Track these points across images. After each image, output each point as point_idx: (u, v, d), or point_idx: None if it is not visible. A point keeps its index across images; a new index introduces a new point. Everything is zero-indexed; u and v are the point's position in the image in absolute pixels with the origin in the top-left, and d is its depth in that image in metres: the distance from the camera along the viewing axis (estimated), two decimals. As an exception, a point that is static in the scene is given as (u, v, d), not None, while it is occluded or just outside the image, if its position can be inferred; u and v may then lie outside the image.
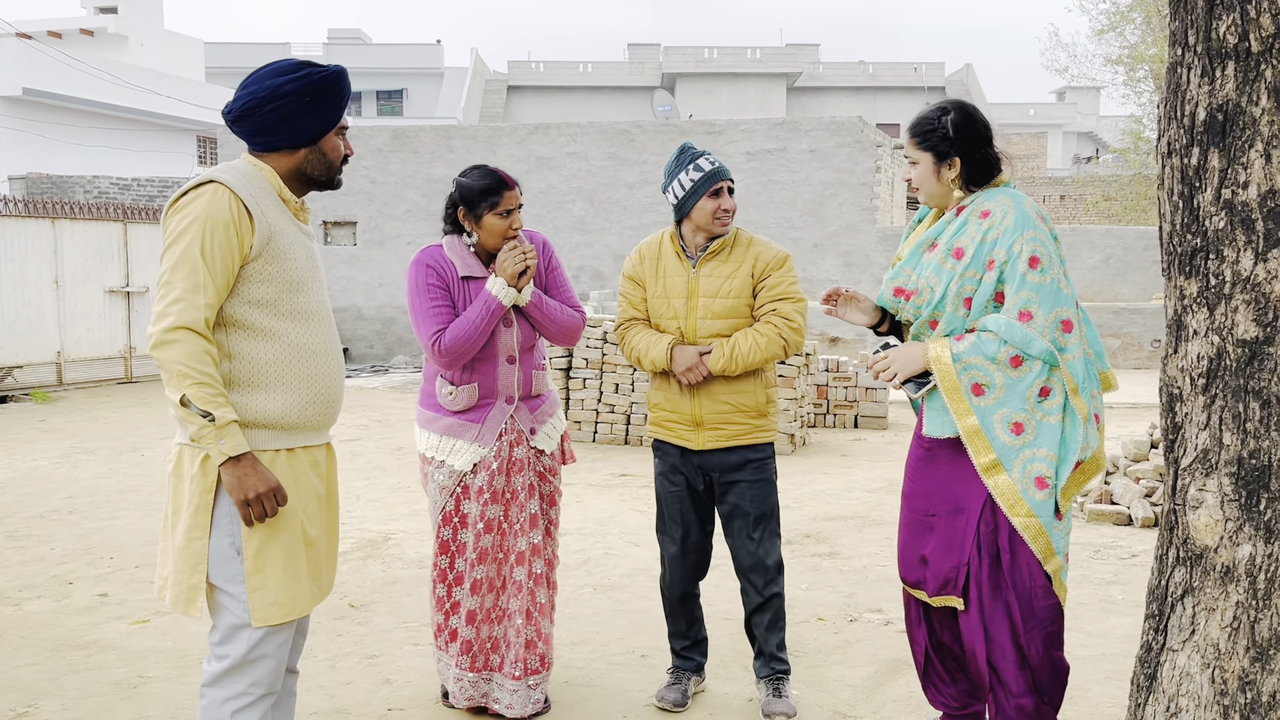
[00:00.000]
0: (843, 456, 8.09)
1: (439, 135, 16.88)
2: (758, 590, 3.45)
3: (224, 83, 33.40)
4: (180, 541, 2.38)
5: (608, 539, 5.71)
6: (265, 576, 2.38)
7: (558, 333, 3.40)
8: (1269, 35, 1.86)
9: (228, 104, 2.47)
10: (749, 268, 3.39)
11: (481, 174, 3.29)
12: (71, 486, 7.10)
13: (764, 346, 3.32)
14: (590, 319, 9.07)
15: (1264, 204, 1.89)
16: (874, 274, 15.69)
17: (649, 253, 3.52)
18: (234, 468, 2.31)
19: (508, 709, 3.32)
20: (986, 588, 2.67)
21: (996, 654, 2.68)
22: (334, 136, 2.52)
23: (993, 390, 2.62)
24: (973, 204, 2.72)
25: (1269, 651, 1.92)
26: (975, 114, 2.76)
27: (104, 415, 10.50)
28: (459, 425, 3.30)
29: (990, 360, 2.60)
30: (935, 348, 2.68)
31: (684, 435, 3.44)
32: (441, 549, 3.34)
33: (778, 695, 3.41)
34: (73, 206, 12.83)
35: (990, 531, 2.66)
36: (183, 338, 2.28)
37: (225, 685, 2.40)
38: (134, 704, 3.53)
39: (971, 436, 2.63)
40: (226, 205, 2.34)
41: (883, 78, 45.72)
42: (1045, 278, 2.59)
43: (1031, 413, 2.60)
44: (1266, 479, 1.92)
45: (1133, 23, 22.33)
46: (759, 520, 3.42)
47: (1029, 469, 2.61)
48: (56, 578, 5.00)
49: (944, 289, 2.69)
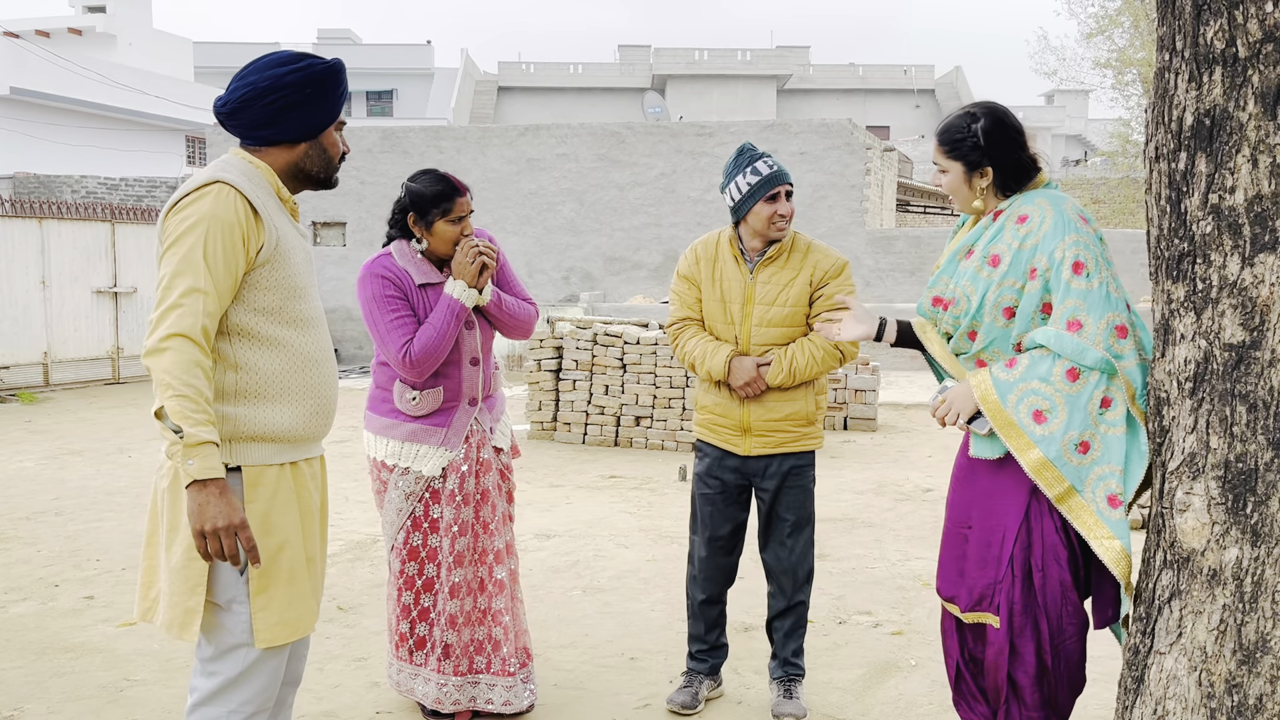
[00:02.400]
0: (832, 459, 8.10)
1: (429, 136, 16.85)
2: (785, 596, 3.47)
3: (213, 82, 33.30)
4: (178, 561, 2.23)
5: (597, 541, 5.70)
6: (269, 597, 2.25)
7: (516, 328, 3.38)
8: (1256, 41, 1.87)
9: (220, 98, 2.34)
10: (808, 275, 3.34)
11: (433, 180, 3.24)
12: (58, 488, 7.06)
13: (820, 360, 3.30)
14: (580, 320, 9.07)
15: (1250, 209, 1.90)
16: (863, 275, 15.72)
17: (705, 253, 3.45)
18: (198, 492, 2.09)
19: (505, 705, 3.31)
20: (1019, 605, 2.59)
21: (1019, 669, 2.62)
22: (333, 131, 2.41)
23: (1055, 414, 2.44)
24: (1010, 208, 2.60)
25: (1255, 654, 1.93)
26: (1006, 118, 2.63)
27: (91, 416, 10.45)
28: (423, 430, 3.25)
29: (1046, 381, 2.43)
30: (976, 381, 2.53)
31: (731, 440, 3.42)
32: (410, 556, 3.27)
33: (789, 696, 3.44)
34: (60, 206, 12.76)
35: (1024, 549, 2.58)
36: (175, 345, 2.12)
37: (216, 703, 2.28)
38: (121, 707, 3.51)
39: (1039, 471, 2.45)
40: (233, 207, 2.20)
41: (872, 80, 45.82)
42: (1092, 283, 2.44)
43: (1095, 427, 2.43)
44: (1253, 482, 1.93)
45: (1121, 26, 22.43)
46: (797, 527, 3.43)
47: (1099, 487, 2.44)
48: (42, 580, 4.97)
49: (980, 297, 2.56)
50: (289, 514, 2.31)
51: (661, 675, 3.79)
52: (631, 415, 8.63)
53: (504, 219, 16.48)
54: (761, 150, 3.36)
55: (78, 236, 12.75)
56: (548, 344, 8.92)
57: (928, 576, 5.01)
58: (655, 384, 8.55)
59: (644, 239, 16.08)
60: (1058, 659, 2.59)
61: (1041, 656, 2.59)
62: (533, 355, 8.96)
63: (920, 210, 23.10)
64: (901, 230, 16.37)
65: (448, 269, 3.28)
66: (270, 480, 2.29)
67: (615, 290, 16.31)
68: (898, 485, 7.16)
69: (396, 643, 3.33)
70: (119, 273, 13.23)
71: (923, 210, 23.18)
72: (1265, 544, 1.92)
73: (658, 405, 8.54)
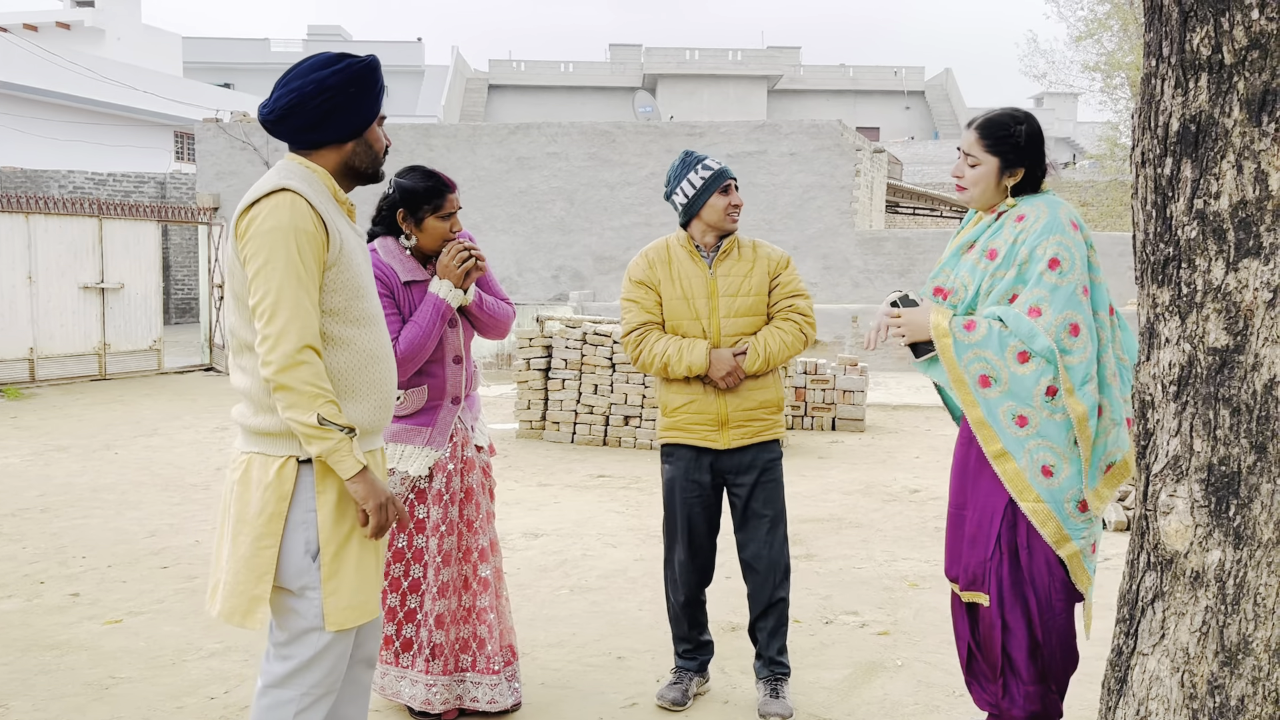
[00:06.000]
0: (820, 459, 8.12)
1: (419, 134, 16.81)
2: (766, 593, 3.50)
3: (202, 78, 33.16)
4: (246, 550, 2.32)
5: (585, 540, 5.70)
6: (340, 581, 2.35)
7: (495, 328, 3.40)
8: (1241, 48, 1.88)
9: (265, 104, 2.38)
10: (764, 267, 3.50)
11: (422, 176, 3.25)
12: (44, 484, 7.03)
13: (790, 343, 3.45)
14: (569, 320, 9.07)
15: (1235, 214, 1.91)
16: (852, 276, 15.76)
17: (658, 257, 3.53)
18: (361, 480, 2.31)
19: (491, 704, 3.31)
20: (1007, 582, 2.77)
21: (1012, 643, 2.78)
22: (376, 127, 2.47)
23: (999, 384, 2.70)
24: (1011, 208, 2.82)
25: (1237, 656, 1.94)
26: (1041, 128, 2.85)
27: (77, 412, 10.40)
28: (408, 430, 3.26)
29: (999, 355, 2.68)
30: (936, 316, 2.77)
31: (709, 436, 3.47)
32: (395, 558, 3.27)
33: (775, 696, 3.46)
34: (47, 201, 12.69)
35: (1010, 528, 2.75)
36: (309, 358, 2.25)
37: (289, 686, 2.37)
38: (106, 705, 3.50)
39: (979, 426, 2.73)
40: (307, 215, 2.28)
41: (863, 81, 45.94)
42: (1063, 280, 2.66)
43: (1038, 410, 2.68)
44: (1236, 485, 1.94)
45: (1110, 30, 22.53)
46: (774, 522, 3.49)
47: (1035, 458, 2.70)
48: (28, 577, 4.95)
49: (975, 287, 2.80)
50: (354, 503, 2.38)
51: (649, 674, 3.80)
52: (620, 415, 8.64)
53: (494, 217, 16.45)
54: (704, 153, 3.53)
55: (65, 232, 12.68)
56: (537, 343, 8.92)
57: (914, 577, 5.03)
58: (644, 383, 8.55)
59: (634, 238, 16.07)
60: (1049, 633, 2.77)
61: (1033, 632, 2.77)
62: (522, 354, 8.96)
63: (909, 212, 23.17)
64: (891, 231, 16.42)
65: (432, 265, 3.28)
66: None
67: (605, 289, 16.30)
68: (885, 486, 7.18)
69: (382, 645, 3.33)
70: (106, 268, 13.17)
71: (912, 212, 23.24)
72: (1248, 546, 1.93)
73: (647, 405, 8.55)
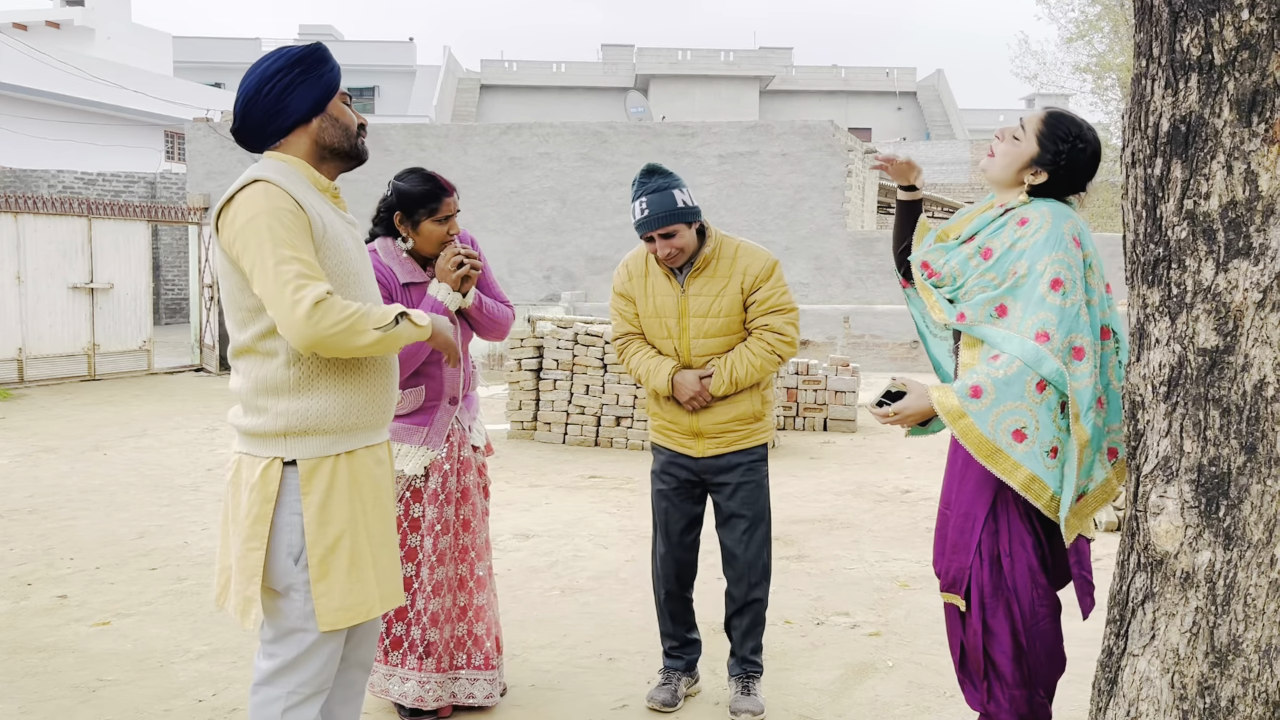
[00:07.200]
0: (812, 459, 8.12)
1: (411, 134, 16.79)
2: (742, 592, 3.49)
3: (192, 77, 33.05)
4: (238, 551, 2.34)
5: (576, 541, 5.69)
6: (331, 583, 2.34)
7: (494, 330, 3.41)
8: (1231, 48, 1.88)
9: (231, 125, 2.43)
10: (738, 283, 3.38)
11: (420, 179, 3.24)
12: (31, 485, 6.99)
13: (760, 365, 3.36)
14: (560, 320, 9.05)
15: (1225, 215, 1.91)
16: (844, 277, 15.77)
17: (636, 269, 3.51)
18: (436, 336, 2.52)
19: (487, 699, 3.36)
20: (988, 589, 2.71)
21: (996, 649, 2.74)
22: (339, 102, 2.46)
23: (1030, 429, 2.54)
24: (1017, 209, 2.72)
25: (1227, 657, 1.94)
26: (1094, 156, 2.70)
27: (66, 413, 10.35)
28: (404, 429, 3.27)
29: (1020, 399, 2.53)
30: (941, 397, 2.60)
31: (684, 444, 3.48)
32: None
33: (746, 694, 3.46)
34: (36, 201, 12.63)
35: (992, 536, 2.70)
36: (323, 306, 2.20)
37: (276, 684, 2.38)
38: (93, 707, 3.48)
39: (1028, 486, 2.56)
40: (281, 196, 2.28)
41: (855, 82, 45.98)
42: (1066, 301, 2.55)
43: (1060, 433, 2.57)
44: (1225, 486, 1.94)
45: (1101, 32, 22.60)
46: (754, 523, 3.47)
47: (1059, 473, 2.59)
48: (15, 578, 4.92)
49: (964, 280, 2.75)
50: (347, 504, 2.37)
51: (639, 676, 3.79)
52: (612, 415, 8.63)
53: (485, 218, 16.43)
54: (658, 180, 3.30)
55: (54, 231, 12.62)
56: (528, 343, 8.91)
57: (906, 578, 5.03)
58: (636, 384, 8.54)
59: (626, 239, 16.06)
60: (1033, 640, 2.72)
61: (1017, 638, 2.72)
62: (513, 354, 8.94)
63: (901, 212, 23.17)
64: (883, 232, 16.44)
65: (432, 268, 3.29)
66: (325, 472, 2.35)
67: (597, 290, 16.30)
68: (876, 486, 7.18)
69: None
70: (95, 268, 13.10)
71: (903, 212, 23.24)
72: (1237, 547, 1.93)
73: (638, 405, 8.54)
